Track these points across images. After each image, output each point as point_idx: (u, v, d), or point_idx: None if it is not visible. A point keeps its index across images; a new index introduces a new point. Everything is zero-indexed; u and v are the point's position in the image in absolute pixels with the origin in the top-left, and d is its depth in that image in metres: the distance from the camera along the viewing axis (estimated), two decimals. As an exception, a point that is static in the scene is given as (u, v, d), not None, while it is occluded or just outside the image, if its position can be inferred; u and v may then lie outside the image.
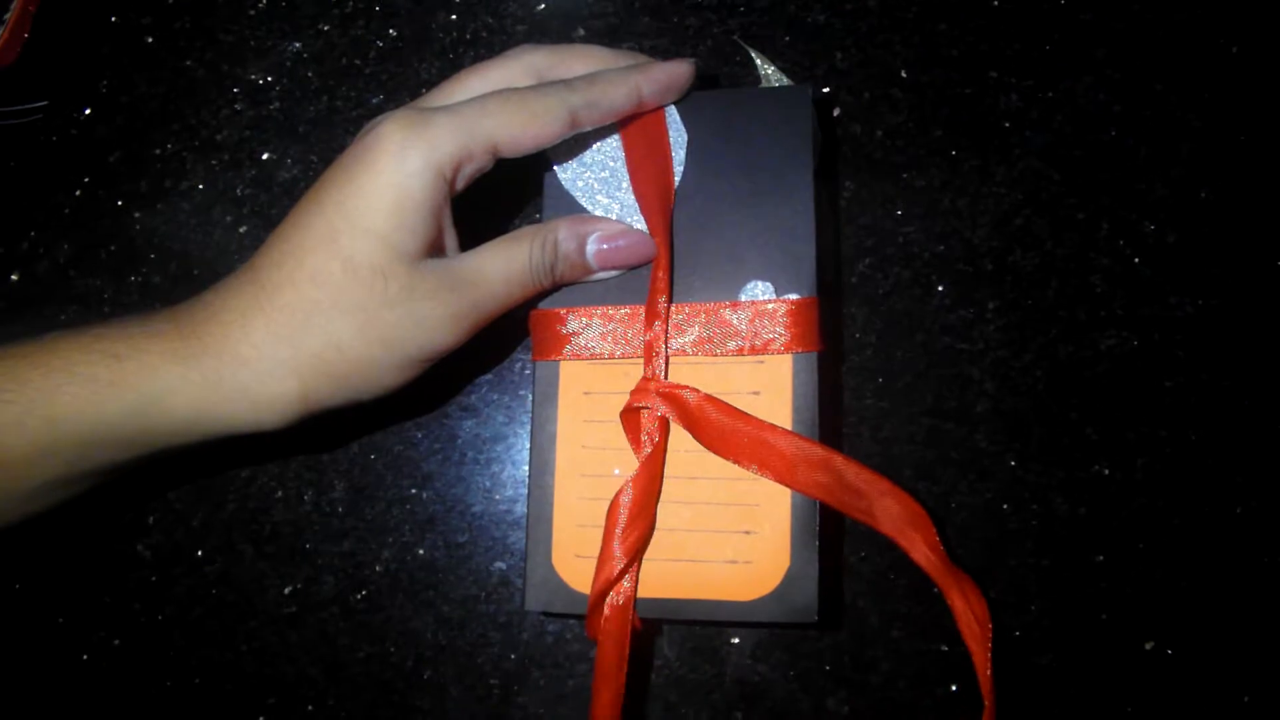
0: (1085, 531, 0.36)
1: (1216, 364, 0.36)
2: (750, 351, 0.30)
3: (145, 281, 0.38)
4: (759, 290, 0.31)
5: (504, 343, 0.37)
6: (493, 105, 0.29)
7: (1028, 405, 0.36)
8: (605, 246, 0.31)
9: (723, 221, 0.31)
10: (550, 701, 0.35)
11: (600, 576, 0.29)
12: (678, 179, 0.32)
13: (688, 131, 0.32)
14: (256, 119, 0.39)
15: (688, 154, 0.32)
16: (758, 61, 0.37)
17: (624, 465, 0.31)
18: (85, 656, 0.37)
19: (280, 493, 0.36)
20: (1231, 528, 0.36)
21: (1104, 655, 0.36)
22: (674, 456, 0.31)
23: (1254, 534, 0.36)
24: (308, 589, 0.36)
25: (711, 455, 0.30)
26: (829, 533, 0.34)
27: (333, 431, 0.37)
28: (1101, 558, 0.36)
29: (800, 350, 0.30)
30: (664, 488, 0.30)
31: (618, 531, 0.29)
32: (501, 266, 0.30)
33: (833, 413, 0.36)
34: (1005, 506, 0.36)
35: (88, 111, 0.39)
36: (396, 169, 0.28)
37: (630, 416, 0.30)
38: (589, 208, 0.32)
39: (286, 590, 0.36)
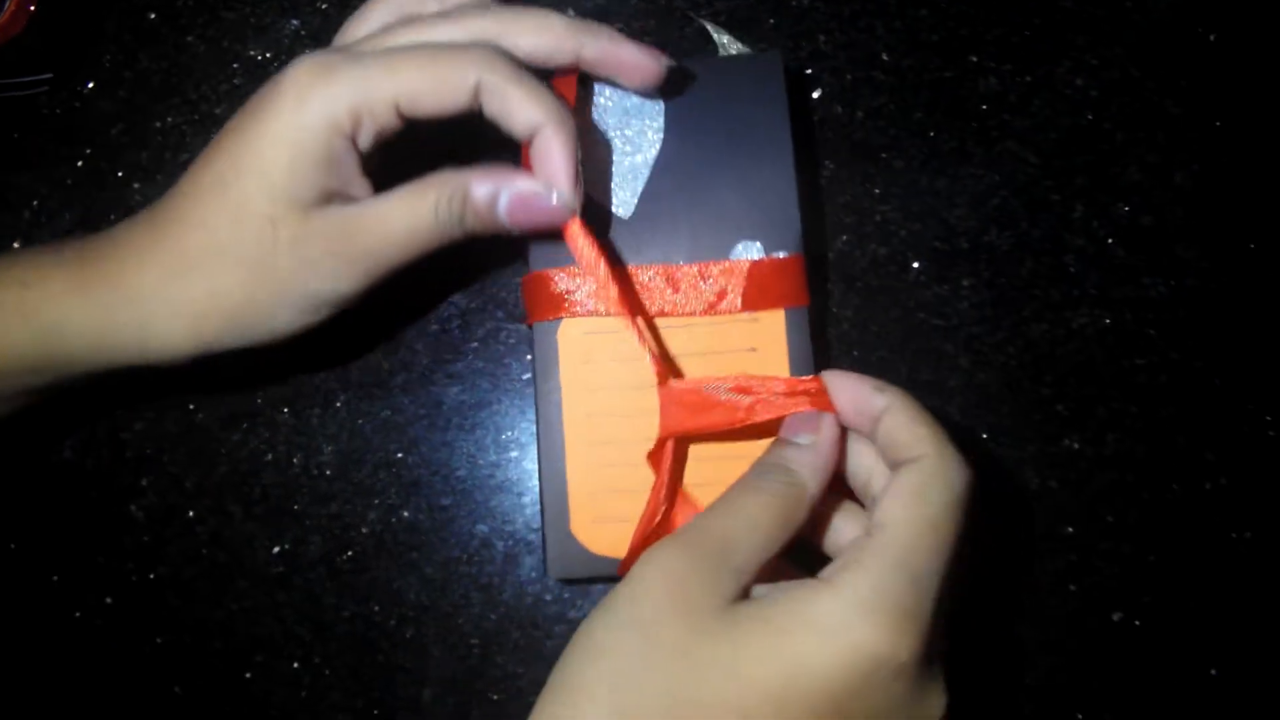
0: (1055, 504, 0.37)
1: (1187, 344, 0.37)
2: (744, 308, 0.31)
3: (144, 250, 0.39)
4: (749, 250, 0.32)
5: (489, 311, 0.38)
6: (400, 62, 0.28)
7: (1000, 380, 0.37)
8: (518, 203, 0.29)
9: (707, 185, 0.32)
10: (528, 661, 0.36)
11: (645, 519, 0.29)
12: (657, 148, 0.33)
13: (664, 100, 0.33)
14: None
15: (666, 122, 0.33)
16: (712, 31, 0.38)
17: (631, 428, 0.31)
18: (78, 614, 0.38)
19: (270, 455, 0.37)
20: (1199, 503, 0.37)
21: (1072, 625, 0.36)
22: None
23: (1221, 510, 0.37)
24: (295, 550, 0.37)
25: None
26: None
27: (323, 395, 0.38)
28: (1071, 530, 0.37)
29: (791, 305, 0.31)
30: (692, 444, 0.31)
31: (664, 479, 0.30)
32: (405, 215, 0.29)
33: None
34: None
35: (91, 85, 0.40)
36: (291, 119, 0.28)
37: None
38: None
39: (275, 550, 0.37)
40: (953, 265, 0.37)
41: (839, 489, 0.30)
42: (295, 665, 0.37)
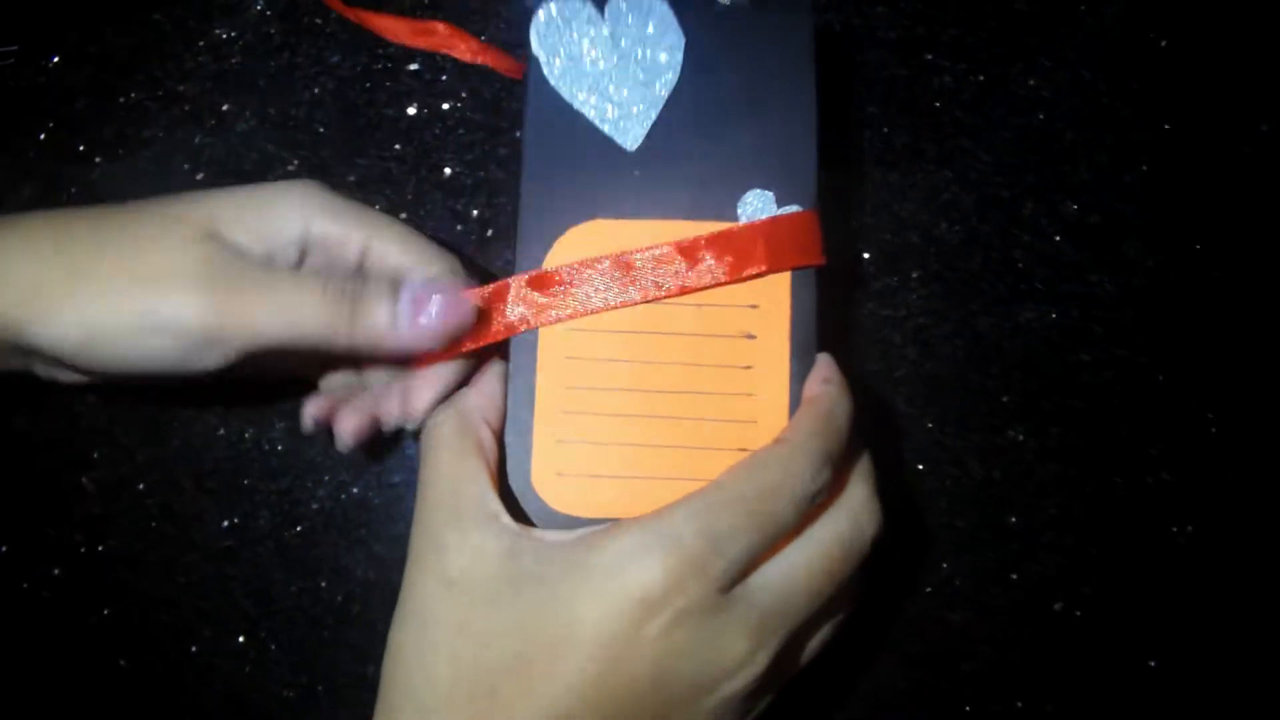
0: (998, 494, 0.37)
1: (1133, 340, 0.38)
2: (764, 271, 0.29)
3: (103, 224, 0.39)
4: (759, 199, 0.30)
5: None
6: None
7: (947, 371, 0.38)
8: (411, 306, 0.28)
9: (722, 128, 0.31)
10: (474, 639, 0.36)
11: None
12: (671, 83, 0.31)
13: (686, 37, 0.31)
14: (218, 72, 0.40)
15: (685, 61, 0.31)
16: None
17: (609, 375, 0.30)
18: (25, 585, 0.38)
19: (222, 430, 0.38)
20: (1141, 497, 0.37)
21: (1013, 614, 0.37)
22: (660, 371, 0.30)
23: (1163, 504, 0.37)
24: (245, 524, 0.37)
25: (702, 368, 0.29)
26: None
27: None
28: (1014, 519, 0.37)
29: (803, 264, 0.30)
30: (653, 403, 0.29)
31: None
32: (293, 289, 0.28)
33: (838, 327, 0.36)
34: (921, 467, 0.37)
35: (56, 59, 0.40)
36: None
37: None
38: (585, 109, 0.31)
39: (224, 525, 0.37)
40: (902, 258, 0.38)
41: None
42: (241, 639, 0.37)
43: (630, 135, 0.31)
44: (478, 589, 0.25)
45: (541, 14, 0.31)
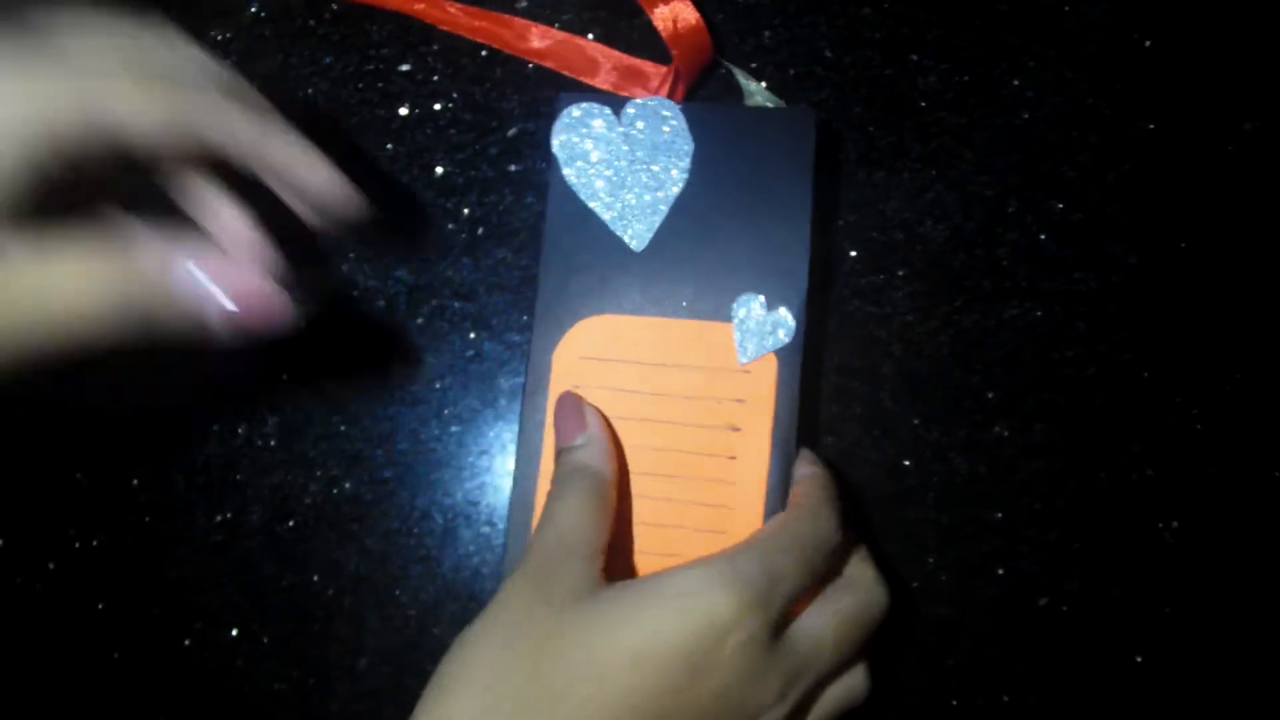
0: (983, 490, 0.37)
1: (1116, 337, 0.38)
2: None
3: (99, 223, 0.40)
4: (751, 302, 0.32)
5: (435, 289, 0.39)
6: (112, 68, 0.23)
7: (932, 368, 0.38)
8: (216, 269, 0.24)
9: (721, 232, 0.33)
10: (463, 633, 0.37)
11: None
12: (679, 187, 0.33)
13: (694, 143, 0.33)
14: (213, 74, 0.41)
15: (692, 165, 0.33)
16: (740, 79, 0.39)
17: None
18: (19, 579, 0.38)
19: (215, 425, 0.38)
20: (1126, 493, 0.37)
21: (998, 609, 0.37)
22: (650, 454, 0.32)
23: (1147, 500, 0.37)
24: (236, 519, 0.38)
25: (688, 454, 0.31)
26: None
27: (267, 368, 0.38)
28: (999, 515, 0.37)
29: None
30: (640, 484, 0.32)
31: None
32: (68, 281, 0.23)
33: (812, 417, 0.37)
34: (907, 463, 0.37)
35: (53, 61, 0.41)
36: None
37: None
38: (599, 210, 0.33)
39: (216, 519, 0.38)
40: (888, 255, 0.38)
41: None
42: (234, 633, 0.37)
43: (637, 237, 0.33)
44: (568, 606, 0.26)
45: (563, 117, 0.34)
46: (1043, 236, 0.39)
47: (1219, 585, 0.37)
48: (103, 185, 0.25)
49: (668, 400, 0.32)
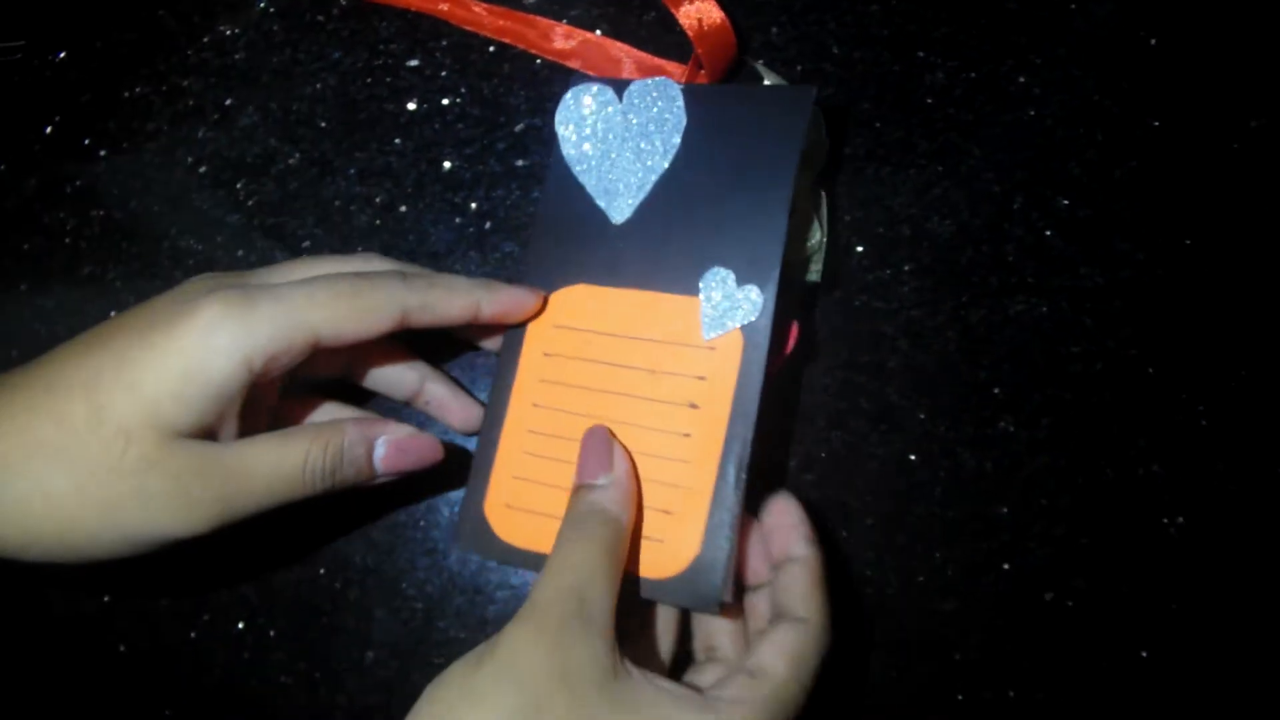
0: (990, 485, 0.37)
1: (1122, 333, 0.38)
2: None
3: (108, 216, 0.40)
4: (719, 277, 0.31)
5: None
6: (321, 295, 0.27)
7: (939, 363, 0.38)
8: (394, 451, 0.30)
9: (699, 208, 0.32)
10: (471, 626, 0.37)
11: None
12: (666, 162, 0.33)
13: (693, 121, 0.33)
14: (222, 68, 0.41)
15: (688, 142, 0.33)
16: (762, 72, 0.39)
17: (571, 427, 0.31)
18: (24, 572, 0.38)
19: (223, 419, 0.38)
20: (1132, 489, 0.38)
21: (1004, 604, 0.37)
22: (611, 427, 0.31)
23: (1153, 495, 0.37)
24: (244, 512, 0.38)
25: (645, 430, 0.31)
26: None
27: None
28: (1005, 510, 0.37)
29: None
30: None
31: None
32: (271, 464, 0.28)
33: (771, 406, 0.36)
34: (914, 458, 0.37)
35: (62, 54, 0.41)
36: (194, 350, 0.26)
37: None
38: (586, 182, 0.34)
39: (224, 512, 0.38)
40: (895, 251, 0.39)
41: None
42: (240, 626, 0.37)
43: (620, 210, 0.33)
44: (590, 696, 0.25)
45: (568, 97, 0.34)
46: (1049, 233, 0.39)
47: (1225, 581, 0.37)
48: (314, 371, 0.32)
49: (632, 373, 0.31)
